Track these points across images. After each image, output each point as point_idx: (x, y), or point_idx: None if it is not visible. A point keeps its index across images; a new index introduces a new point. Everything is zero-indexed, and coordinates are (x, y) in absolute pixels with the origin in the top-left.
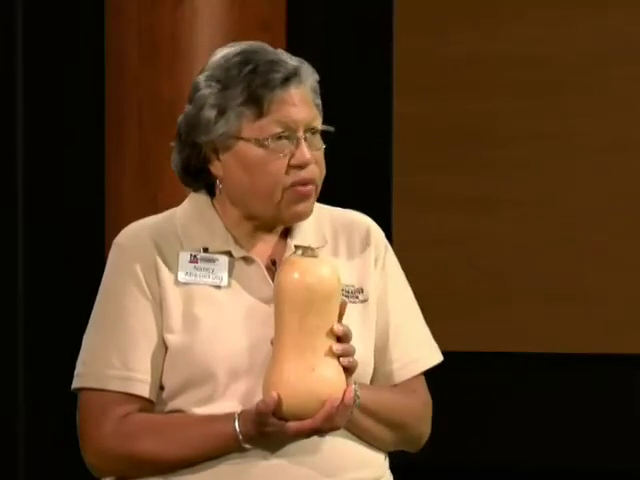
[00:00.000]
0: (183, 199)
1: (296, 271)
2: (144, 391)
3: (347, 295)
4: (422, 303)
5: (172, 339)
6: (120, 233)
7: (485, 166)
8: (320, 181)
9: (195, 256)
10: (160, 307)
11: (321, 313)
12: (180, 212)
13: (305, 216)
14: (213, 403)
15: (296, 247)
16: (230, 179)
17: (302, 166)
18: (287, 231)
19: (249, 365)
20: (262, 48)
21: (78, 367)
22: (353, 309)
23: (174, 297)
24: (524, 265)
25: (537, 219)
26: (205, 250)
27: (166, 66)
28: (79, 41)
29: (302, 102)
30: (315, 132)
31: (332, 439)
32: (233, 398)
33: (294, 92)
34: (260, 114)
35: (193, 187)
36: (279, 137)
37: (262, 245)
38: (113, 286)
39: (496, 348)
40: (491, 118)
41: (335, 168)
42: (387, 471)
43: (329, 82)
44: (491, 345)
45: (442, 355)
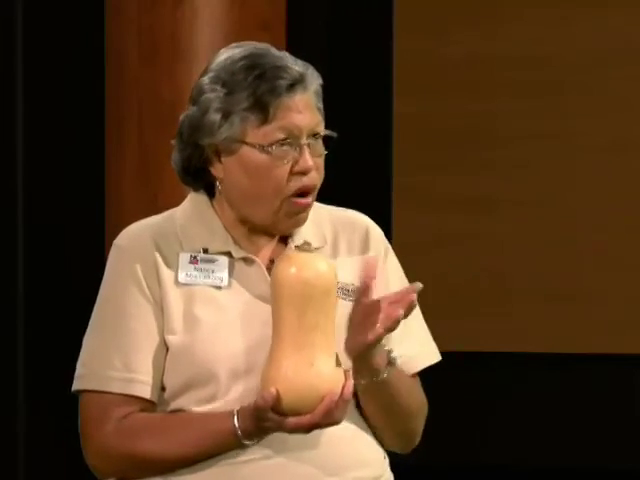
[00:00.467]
0: (183, 199)
1: (293, 266)
2: (145, 392)
3: (347, 294)
4: (422, 303)
5: (173, 340)
6: (120, 234)
7: (485, 166)
8: (318, 186)
9: (195, 257)
10: (161, 308)
11: (319, 308)
12: (180, 212)
13: (300, 225)
14: (215, 403)
15: (297, 247)
16: (230, 182)
17: (304, 173)
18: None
19: (250, 365)
20: (268, 52)
21: (79, 368)
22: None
23: (174, 298)
24: (524, 265)
25: (537, 219)
26: (205, 251)
27: (166, 66)
28: (79, 41)
29: (306, 108)
30: (318, 137)
31: (332, 438)
32: (235, 398)
33: (299, 98)
34: (265, 120)
35: (192, 186)
36: (282, 144)
37: (262, 245)
38: (113, 287)
39: (496, 348)
40: (491, 118)
41: (335, 168)
42: (387, 470)
43: (329, 82)
44: (491, 345)
45: (441, 355)
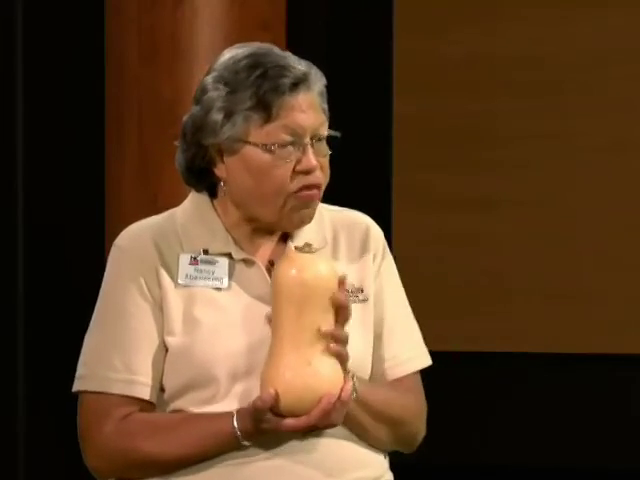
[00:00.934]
0: (183, 199)
1: (293, 267)
2: (146, 394)
3: (347, 294)
4: (422, 303)
5: (173, 341)
6: (120, 234)
7: (485, 166)
8: (324, 187)
9: (195, 258)
10: (161, 309)
11: (318, 309)
12: (180, 213)
13: (306, 223)
14: (214, 404)
15: (296, 248)
16: (234, 182)
17: (308, 172)
18: (287, 233)
19: (250, 366)
20: (271, 51)
21: (79, 369)
22: (353, 308)
23: (174, 299)
24: (524, 265)
25: (537, 219)
26: (205, 252)
27: (166, 66)
28: (79, 41)
29: (310, 108)
30: (321, 139)
31: (332, 439)
32: (234, 399)
33: (302, 98)
34: (268, 119)
35: (196, 187)
36: (285, 144)
37: (262, 247)
38: (114, 288)
39: (496, 348)
40: (491, 118)
41: (335, 168)
42: (387, 471)
43: (329, 82)
44: (491, 345)
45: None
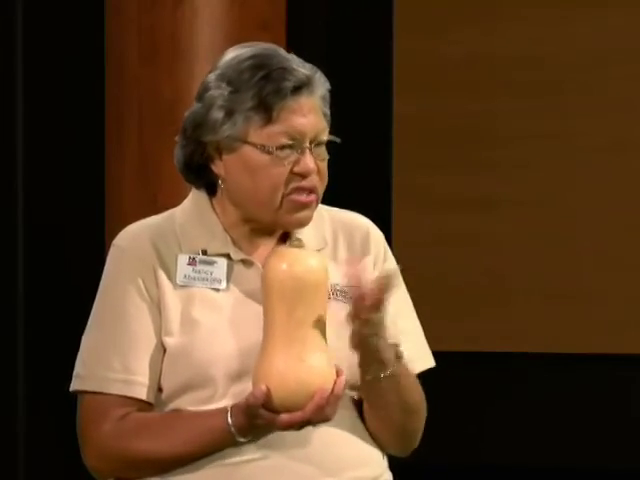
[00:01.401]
0: (183, 199)
1: (284, 262)
2: (144, 394)
3: (346, 296)
4: (422, 303)
5: (170, 342)
6: (119, 234)
7: (485, 166)
8: (321, 191)
9: (194, 259)
10: (159, 309)
11: (309, 303)
12: (179, 213)
13: (305, 224)
14: (212, 405)
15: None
16: (231, 180)
17: (304, 175)
18: (286, 234)
19: (247, 367)
20: (276, 52)
21: (77, 368)
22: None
23: (173, 299)
24: (524, 265)
25: (537, 219)
26: (204, 252)
27: (166, 66)
28: (79, 41)
29: (311, 112)
30: (321, 144)
31: (331, 438)
32: (232, 400)
33: (304, 101)
34: (268, 121)
35: (194, 184)
36: (284, 146)
37: (261, 248)
38: (112, 288)
39: (496, 348)
40: (491, 118)
41: (335, 168)
42: (386, 470)
43: (329, 82)
44: (491, 345)
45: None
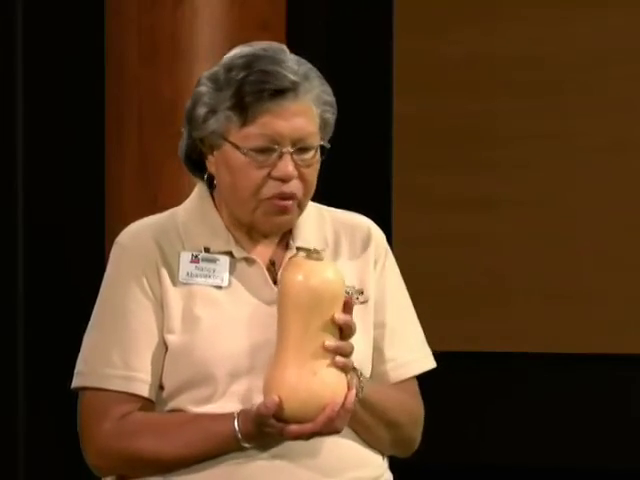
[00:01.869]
0: (183, 199)
1: (301, 273)
2: (145, 391)
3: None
4: (422, 303)
5: (172, 339)
6: (121, 233)
7: (485, 166)
8: (305, 198)
9: (196, 256)
10: (161, 307)
11: (324, 316)
12: (182, 211)
13: (284, 228)
14: (212, 403)
15: (298, 249)
16: (218, 177)
17: (283, 180)
18: (287, 232)
19: (249, 366)
20: (272, 54)
21: (78, 365)
22: (354, 310)
23: (175, 297)
24: (524, 265)
25: (537, 219)
26: (206, 250)
27: (166, 66)
28: (79, 41)
29: (297, 116)
30: (307, 149)
31: (331, 439)
32: (233, 398)
33: (287, 105)
34: (245, 122)
35: (196, 175)
36: (261, 149)
37: (263, 246)
38: (114, 285)
39: (496, 348)
40: (491, 118)
41: (335, 168)
42: (386, 470)
43: (329, 82)
44: (491, 345)
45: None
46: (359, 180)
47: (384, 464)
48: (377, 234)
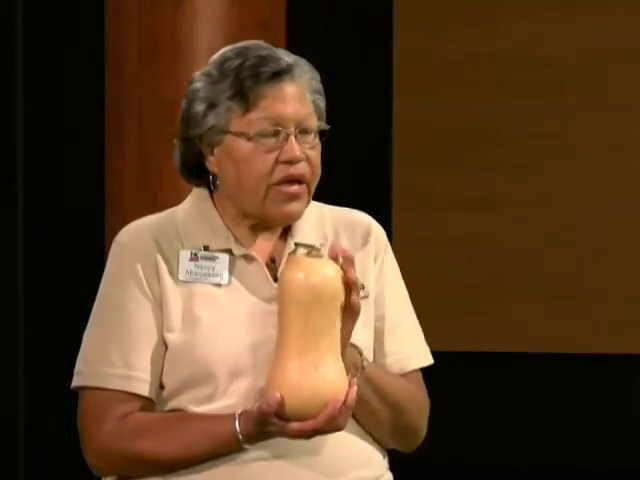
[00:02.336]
0: (183, 199)
1: (301, 271)
2: (145, 390)
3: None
4: (422, 302)
5: (172, 338)
6: (120, 231)
7: (485, 166)
8: (313, 181)
9: (196, 254)
10: (160, 306)
11: (325, 313)
12: (181, 210)
13: (295, 217)
14: (213, 402)
15: (296, 245)
16: (223, 174)
17: (291, 162)
18: (287, 229)
19: (249, 364)
20: (258, 45)
21: (78, 365)
22: None
23: (174, 296)
24: (524, 265)
25: (537, 219)
26: (206, 248)
27: (166, 66)
28: (79, 41)
29: (294, 99)
30: (308, 131)
31: (332, 437)
32: (233, 397)
33: (285, 88)
34: (247, 108)
35: (194, 183)
36: (267, 134)
37: (262, 243)
38: (114, 285)
39: (496, 348)
40: (491, 118)
41: (335, 168)
42: (387, 470)
43: (329, 82)
44: (491, 345)
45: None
46: (359, 180)
47: (384, 464)
48: (377, 230)
